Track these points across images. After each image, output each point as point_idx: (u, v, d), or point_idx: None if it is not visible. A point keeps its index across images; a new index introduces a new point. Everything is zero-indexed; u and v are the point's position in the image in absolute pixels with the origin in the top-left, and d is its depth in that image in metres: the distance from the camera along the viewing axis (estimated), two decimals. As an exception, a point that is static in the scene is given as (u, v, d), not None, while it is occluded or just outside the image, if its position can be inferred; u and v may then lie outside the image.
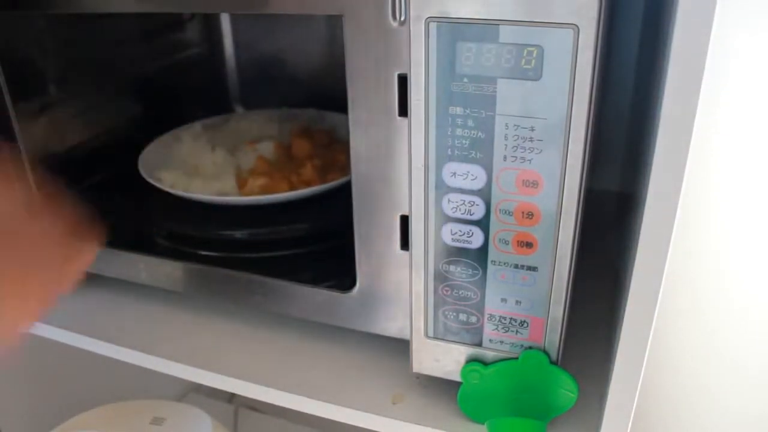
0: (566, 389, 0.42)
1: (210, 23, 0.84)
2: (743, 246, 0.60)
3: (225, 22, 0.84)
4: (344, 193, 0.44)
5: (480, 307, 0.42)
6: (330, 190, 0.59)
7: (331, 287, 0.48)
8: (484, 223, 0.39)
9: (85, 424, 0.73)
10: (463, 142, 0.37)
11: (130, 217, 0.65)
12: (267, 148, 0.69)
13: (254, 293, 0.51)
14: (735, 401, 0.67)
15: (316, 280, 0.49)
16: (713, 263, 0.62)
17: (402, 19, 0.37)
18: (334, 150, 0.69)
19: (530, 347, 0.41)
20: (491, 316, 0.41)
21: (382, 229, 0.43)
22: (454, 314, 0.42)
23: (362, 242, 0.44)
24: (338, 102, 0.43)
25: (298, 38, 0.82)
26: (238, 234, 0.60)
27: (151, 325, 0.58)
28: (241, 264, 0.52)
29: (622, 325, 0.36)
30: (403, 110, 0.39)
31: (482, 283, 0.41)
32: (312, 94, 0.80)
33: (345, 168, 0.62)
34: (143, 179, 0.63)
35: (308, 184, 0.61)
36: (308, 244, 0.57)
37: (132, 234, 0.59)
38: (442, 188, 0.39)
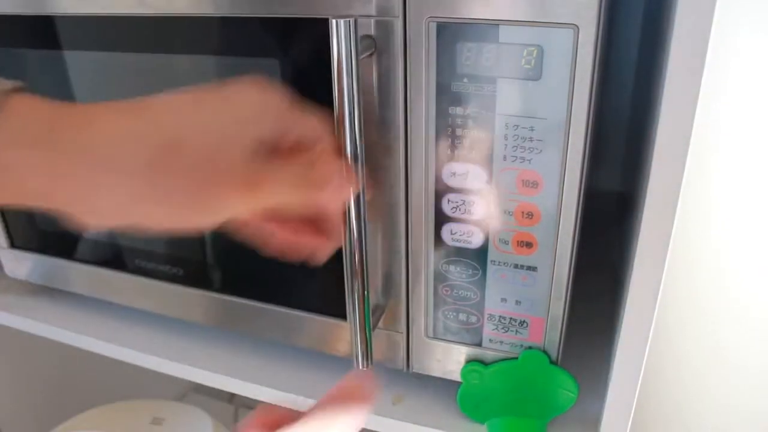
0: (566, 389, 0.42)
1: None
2: (743, 245, 0.60)
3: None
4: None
5: (480, 307, 0.42)
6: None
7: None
8: (484, 223, 0.39)
9: (85, 424, 0.73)
10: (463, 141, 0.37)
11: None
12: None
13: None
14: (735, 401, 0.67)
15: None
16: (713, 263, 0.62)
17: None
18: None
19: (530, 347, 0.41)
20: (491, 315, 0.42)
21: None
22: (454, 314, 0.42)
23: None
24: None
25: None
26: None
27: (151, 325, 0.58)
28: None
29: (622, 325, 0.36)
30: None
31: (482, 283, 0.41)
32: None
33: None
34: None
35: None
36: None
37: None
38: (442, 188, 0.39)
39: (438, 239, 0.40)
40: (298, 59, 0.40)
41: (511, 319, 0.41)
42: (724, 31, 0.52)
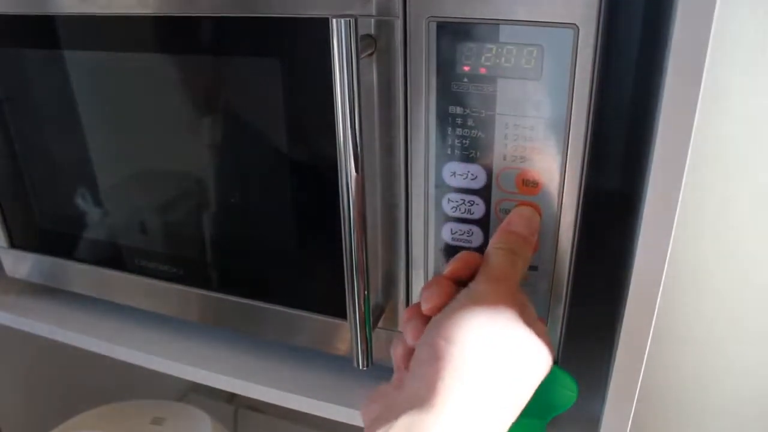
0: (566, 388, 0.41)
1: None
2: (744, 245, 0.60)
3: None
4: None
5: (480, 307, 0.41)
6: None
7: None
8: (484, 223, 0.39)
9: (85, 424, 0.73)
10: (463, 141, 0.37)
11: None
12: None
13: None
14: (736, 401, 0.67)
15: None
16: (714, 263, 0.62)
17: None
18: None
19: (530, 347, 0.41)
20: (491, 315, 0.41)
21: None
22: (454, 314, 0.42)
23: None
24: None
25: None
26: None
27: (152, 325, 0.58)
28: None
29: (622, 325, 0.36)
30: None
31: (482, 283, 0.41)
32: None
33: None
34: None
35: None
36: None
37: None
38: (442, 188, 0.39)
39: (438, 239, 0.40)
40: (298, 59, 0.40)
41: (511, 318, 0.41)
42: (724, 30, 0.52)
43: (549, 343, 0.34)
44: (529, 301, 0.36)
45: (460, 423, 0.29)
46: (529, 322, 0.33)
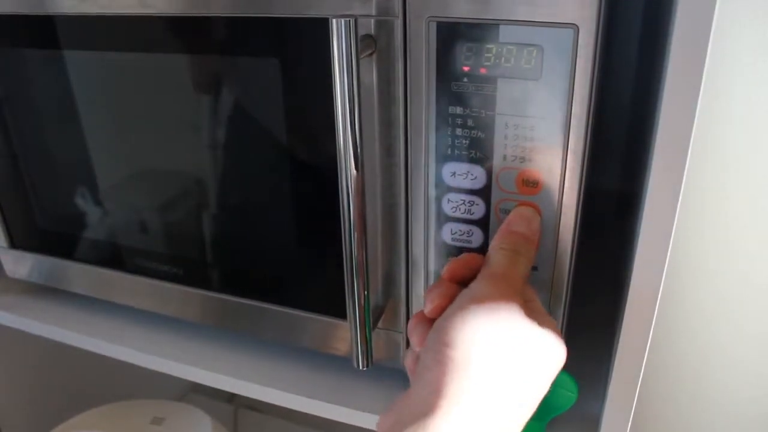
0: (566, 389, 0.41)
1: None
2: (743, 245, 0.60)
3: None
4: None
5: (480, 307, 0.41)
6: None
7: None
8: (484, 223, 0.39)
9: (85, 424, 0.73)
10: (463, 141, 0.37)
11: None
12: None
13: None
14: (735, 401, 0.67)
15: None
16: (713, 262, 0.62)
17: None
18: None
19: (530, 347, 0.41)
20: (491, 315, 0.41)
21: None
22: (454, 314, 0.42)
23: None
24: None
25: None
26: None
27: (151, 325, 0.58)
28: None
29: (622, 325, 0.36)
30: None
31: (482, 283, 0.41)
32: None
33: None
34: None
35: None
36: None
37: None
38: (442, 188, 0.39)
39: (438, 239, 0.40)
40: (299, 59, 0.40)
41: (511, 318, 0.41)
42: (724, 30, 0.52)
43: (560, 337, 0.33)
44: (537, 296, 0.35)
45: (470, 424, 0.29)
46: (535, 318, 0.32)
